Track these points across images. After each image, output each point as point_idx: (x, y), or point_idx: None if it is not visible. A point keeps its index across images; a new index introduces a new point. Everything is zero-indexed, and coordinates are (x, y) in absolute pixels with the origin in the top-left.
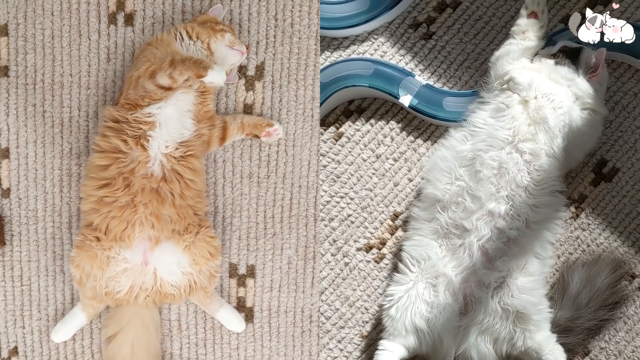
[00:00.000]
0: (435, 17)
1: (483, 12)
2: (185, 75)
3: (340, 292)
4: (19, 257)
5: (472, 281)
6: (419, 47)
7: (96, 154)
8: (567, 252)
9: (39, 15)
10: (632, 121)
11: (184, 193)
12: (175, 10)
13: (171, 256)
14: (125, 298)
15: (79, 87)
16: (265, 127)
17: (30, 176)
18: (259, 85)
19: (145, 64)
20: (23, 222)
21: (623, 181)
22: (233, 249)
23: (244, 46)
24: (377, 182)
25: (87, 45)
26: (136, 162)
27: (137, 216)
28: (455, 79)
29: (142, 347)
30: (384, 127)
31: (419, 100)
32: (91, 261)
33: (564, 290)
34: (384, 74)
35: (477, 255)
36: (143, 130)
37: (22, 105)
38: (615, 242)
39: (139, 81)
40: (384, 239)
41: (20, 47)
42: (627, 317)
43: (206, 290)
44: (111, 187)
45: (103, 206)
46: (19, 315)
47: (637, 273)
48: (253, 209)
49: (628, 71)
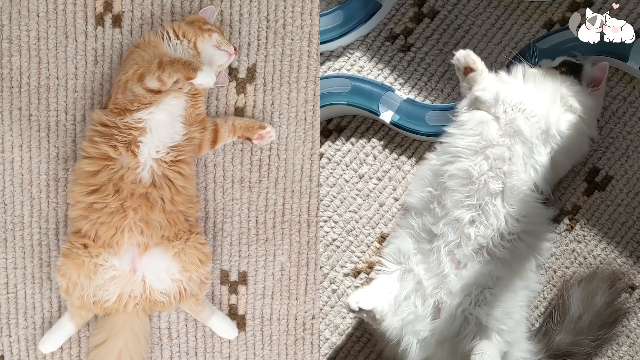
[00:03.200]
0: (413, 28)
1: (462, 21)
2: (174, 78)
3: (329, 321)
4: (5, 264)
5: (442, 288)
6: (397, 60)
7: (84, 160)
8: (563, 265)
9: (24, 17)
10: (622, 126)
11: (174, 199)
12: (164, 12)
13: (160, 263)
14: (114, 307)
15: (65, 90)
16: (258, 130)
17: (16, 181)
18: (251, 88)
19: (133, 67)
20: (9, 229)
21: (617, 189)
22: (224, 255)
23: (232, 47)
24: (361, 203)
25: (73, 47)
26: (126, 168)
27: (127, 222)
28: (437, 92)
29: (128, 355)
30: (366, 146)
31: (401, 116)
32: (78, 269)
33: (565, 313)
34: (363, 90)
35: (445, 261)
36: (133, 135)
37: (7, 108)
38: (613, 252)
39: (127, 85)
40: (372, 262)
41: (5, 49)
42: (630, 330)
43: (197, 298)
44: (100, 193)
45: (92, 212)
46: (5, 324)
47: (637, 284)
48: (245, 215)
49: (616, 75)
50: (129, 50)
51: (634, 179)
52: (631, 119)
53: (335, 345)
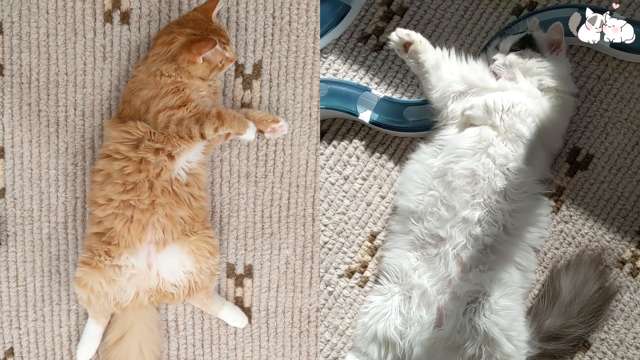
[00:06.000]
0: (384, 27)
1: (432, 15)
2: (227, 132)
3: (328, 323)
4: (15, 258)
5: (447, 293)
6: (371, 60)
7: (119, 161)
8: (553, 247)
9: (33, 14)
10: (599, 104)
11: (200, 194)
12: (172, 8)
13: (175, 257)
14: (131, 304)
15: (74, 86)
16: (271, 123)
17: (26, 176)
18: (257, 84)
19: (192, 104)
20: (18, 223)
21: (599, 167)
22: (230, 249)
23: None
24: (349, 204)
25: (82, 43)
26: (161, 166)
27: (154, 218)
28: (413, 87)
29: (148, 348)
30: (348, 147)
31: (379, 114)
32: (101, 275)
33: (555, 298)
34: (339, 92)
35: (452, 265)
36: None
37: (17, 104)
38: (600, 230)
39: (183, 122)
40: (365, 261)
41: (15, 45)
42: (624, 304)
43: (207, 291)
44: (137, 190)
45: (126, 210)
46: (14, 316)
47: (627, 258)
48: (250, 209)
49: (587, 54)
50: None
51: (614, 155)
52: (607, 97)
53: (335, 346)
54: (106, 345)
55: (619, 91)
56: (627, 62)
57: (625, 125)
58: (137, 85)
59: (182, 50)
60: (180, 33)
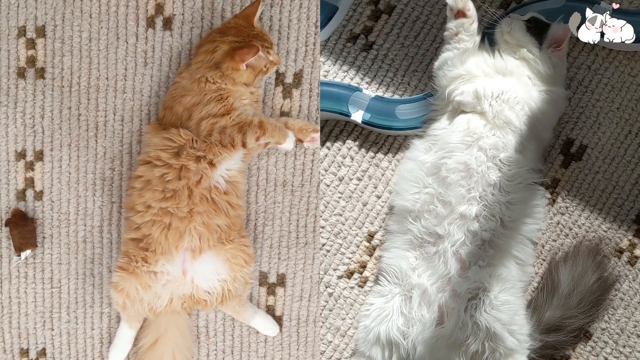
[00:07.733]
0: (372, 26)
1: (419, 12)
2: (267, 141)
3: (330, 324)
4: (50, 260)
5: (447, 291)
6: (361, 60)
7: (159, 168)
8: (550, 239)
9: (76, 17)
10: (590, 95)
11: (238, 203)
12: (214, 15)
13: (210, 265)
14: (165, 310)
15: (114, 90)
16: (311, 132)
17: (64, 179)
18: (297, 93)
19: (234, 111)
20: (55, 225)
21: (593, 157)
22: (264, 258)
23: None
24: (345, 205)
25: (124, 48)
26: (201, 174)
27: (191, 226)
28: (403, 86)
29: (181, 353)
30: (342, 148)
31: (372, 114)
32: (137, 281)
33: (554, 289)
34: (330, 93)
35: (451, 262)
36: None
37: (57, 107)
38: (597, 220)
39: (226, 130)
40: (364, 261)
41: (57, 49)
42: (623, 293)
43: (240, 299)
44: (176, 198)
45: (165, 217)
46: (48, 317)
47: (624, 247)
48: (286, 218)
49: (577, 45)
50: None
51: (608, 145)
52: (598, 87)
53: (338, 347)
54: (140, 349)
55: (609, 81)
56: (616, 52)
57: (618, 114)
58: (180, 91)
59: (226, 59)
60: (223, 41)
